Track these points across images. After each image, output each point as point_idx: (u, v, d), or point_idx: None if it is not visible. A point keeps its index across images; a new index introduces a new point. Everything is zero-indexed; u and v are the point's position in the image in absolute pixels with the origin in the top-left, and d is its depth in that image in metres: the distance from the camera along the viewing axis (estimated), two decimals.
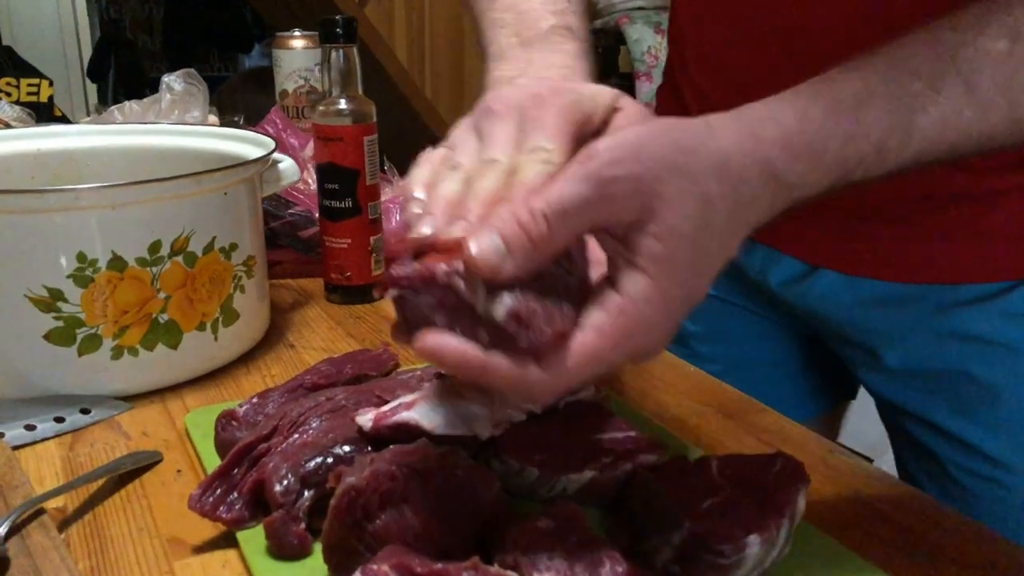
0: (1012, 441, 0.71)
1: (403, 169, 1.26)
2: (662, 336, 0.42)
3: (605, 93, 0.48)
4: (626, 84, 2.83)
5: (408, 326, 0.42)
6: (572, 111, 0.45)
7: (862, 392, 0.94)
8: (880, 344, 0.75)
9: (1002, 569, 0.52)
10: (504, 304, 0.39)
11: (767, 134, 0.42)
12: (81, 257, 0.69)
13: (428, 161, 0.47)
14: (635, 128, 0.41)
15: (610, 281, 0.42)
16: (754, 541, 0.47)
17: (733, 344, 0.89)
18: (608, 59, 2.83)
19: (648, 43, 2.72)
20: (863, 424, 1.25)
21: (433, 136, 1.34)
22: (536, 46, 0.57)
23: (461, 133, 0.48)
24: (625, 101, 0.49)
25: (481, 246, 0.38)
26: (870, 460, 0.66)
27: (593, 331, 0.41)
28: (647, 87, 2.77)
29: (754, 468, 0.53)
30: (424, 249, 0.42)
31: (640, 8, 2.80)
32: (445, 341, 0.40)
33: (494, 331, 0.40)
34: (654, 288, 0.40)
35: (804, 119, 0.43)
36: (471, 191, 0.43)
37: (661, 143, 0.40)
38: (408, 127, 2.38)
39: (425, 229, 0.42)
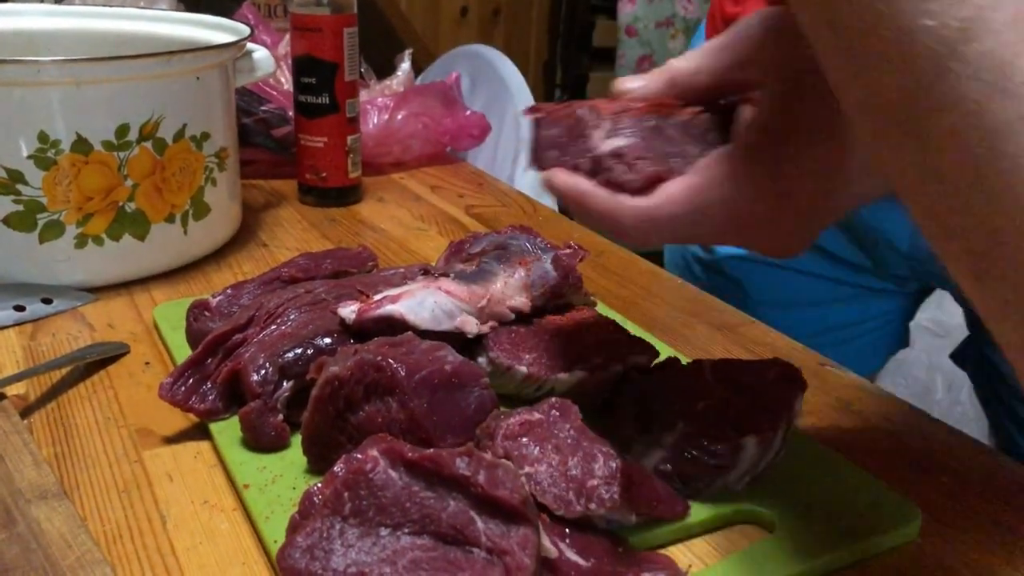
0: None
1: (380, 73, 1.21)
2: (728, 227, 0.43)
3: None
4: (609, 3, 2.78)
5: (536, 151, 0.46)
6: None
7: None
8: None
9: (992, 479, 0.51)
10: (613, 143, 0.43)
11: None
12: (43, 137, 0.65)
13: None
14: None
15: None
16: (750, 443, 0.46)
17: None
18: None
19: None
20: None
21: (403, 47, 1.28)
22: None
23: None
24: None
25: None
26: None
27: (682, 183, 0.42)
28: (629, 8, 2.71)
29: (749, 372, 0.51)
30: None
31: None
32: (557, 175, 0.44)
33: (598, 166, 0.43)
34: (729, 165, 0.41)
35: None
36: None
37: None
38: (379, 39, 2.30)
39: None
